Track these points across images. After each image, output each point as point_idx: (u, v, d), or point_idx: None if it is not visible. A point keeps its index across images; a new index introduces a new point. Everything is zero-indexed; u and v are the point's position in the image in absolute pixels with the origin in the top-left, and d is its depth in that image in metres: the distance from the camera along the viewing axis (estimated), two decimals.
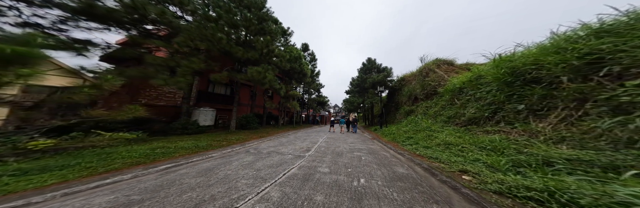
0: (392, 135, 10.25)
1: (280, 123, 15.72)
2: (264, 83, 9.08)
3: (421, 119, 10.00)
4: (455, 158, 4.63)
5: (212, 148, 5.78)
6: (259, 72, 8.74)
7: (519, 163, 3.43)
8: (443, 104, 9.13)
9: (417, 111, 12.07)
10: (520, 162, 3.42)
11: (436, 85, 10.85)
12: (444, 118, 8.17)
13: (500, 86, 5.67)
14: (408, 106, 14.10)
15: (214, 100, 12.95)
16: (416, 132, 8.64)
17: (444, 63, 11.82)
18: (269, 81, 9.30)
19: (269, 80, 9.16)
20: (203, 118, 10.51)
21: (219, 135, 8.74)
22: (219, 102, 13.45)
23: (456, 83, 8.61)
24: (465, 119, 6.70)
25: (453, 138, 6.07)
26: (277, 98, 21.61)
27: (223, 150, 5.55)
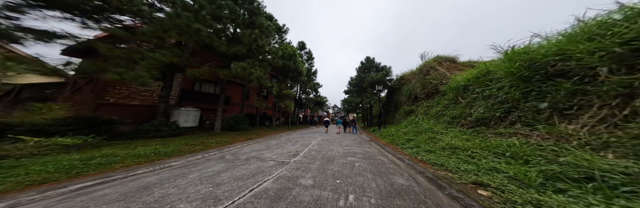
0: (391, 137, 9.48)
1: (273, 123, 14.92)
2: (250, 80, 8.27)
3: (422, 119, 9.22)
4: (465, 165, 3.85)
5: (178, 155, 4.92)
6: (244, 69, 7.96)
7: (554, 175, 2.65)
8: (446, 104, 8.36)
9: (418, 111, 11.31)
10: (555, 175, 2.64)
11: (438, 83, 10.09)
12: (448, 118, 7.40)
13: (514, 81, 4.90)
14: (408, 105, 13.34)
15: (201, 99, 12.11)
16: (417, 134, 7.86)
17: (445, 60, 11.07)
18: (256, 78, 8.50)
19: (256, 77, 8.35)
20: (184, 119, 9.72)
21: (198, 137, 7.89)
22: (207, 101, 12.61)
23: (460, 80, 7.85)
24: (473, 120, 5.93)
25: (460, 141, 5.30)
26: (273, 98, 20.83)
27: (191, 157, 4.70)
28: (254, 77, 8.27)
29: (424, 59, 12.88)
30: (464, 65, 10.14)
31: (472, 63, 9.84)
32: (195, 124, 10.38)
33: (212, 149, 5.80)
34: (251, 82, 8.47)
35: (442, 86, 9.72)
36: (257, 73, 8.40)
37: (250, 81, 8.31)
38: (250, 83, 8.60)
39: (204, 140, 7.16)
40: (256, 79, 8.54)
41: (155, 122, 7.56)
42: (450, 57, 10.94)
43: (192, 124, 10.15)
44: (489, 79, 6.09)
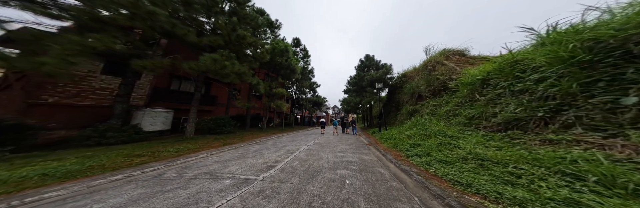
0: (393, 140, 8.11)
1: (265, 125, 13.57)
2: (225, 74, 6.88)
3: (429, 120, 7.85)
4: (510, 190, 2.49)
5: (85, 175, 3.36)
6: (215, 61, 6.39)
7: None
8: (458, 102, 6.99)
9: (422, 110, 9.94)
10: None
11: (446, 79, 8.72)
12: (462, 119, 6.03)
13: (566, 69, 3.54)
14: (411, 105, 11.96)
15: (179, 99, 10.66)
16: (425, 138, 6.49)
17: (454, 54, 9.71)
18: (235, 74, 7.11)
19: (234, 72, 6.98)
20: (150, 122, 8.30)
21: (157, 144, 6.46)
22: (186, 102, 11.17)
23: (476, 73, 6.48)
24: (500, 122, 4.55)
25: (488, 149, 3.93)
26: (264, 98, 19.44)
27: (104, 178, 3.18)
28: (230, 71, 6.88)
29: (428, 54, 11.53)
30: (476, 58, 8.78)
31: (486, 57, 8.48)
32: (166, 127, 8.97)
33: (158, 161, 4.40)
34: (227, 77, 7.08)
35: (451, 82, 8.36)
36: (236, 67, 7.01)
37: (225, 76, 6.92)
38: (225, 79, 7.21)
39: (162, 147, 5.75)
40: (234, 74, 7.16)
41: (101, 126, 6.15)
42: (459, 50, 9.59)
43: (162, 127, 8.75)
44: (521, 70, 4.72)
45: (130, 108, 7.83)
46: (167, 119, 8.93)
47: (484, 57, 8.43)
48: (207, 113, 12.42)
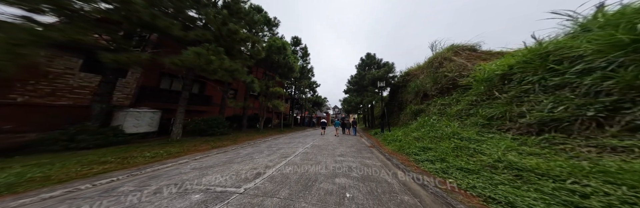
0: (398, 143, 7.38)
1: (261, 126, 12.82)
2: (212, 71, 6.01)
3: (439, 121, 7.09)
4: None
5: (13, 192, 2.59)
6: (199, 55, 5.60)
7: None
8: (472, 100, 6.24)
9: (429, 110, 9.19)
10: None
11: (456, 76, 7.97)
12: (480, 119, 5.27)
13: (628, 57, 2.79)
14: (416, 104, 11.20)
15: (169, 99, 9.80)
16: (436, 140, 5.74)
17: (463, 49, 8.97)
18: (224, 70, 6.32)
19: (222, 67, 6.19)
20: (133, 123, 7.50)
21: (134, 148, 5.71)
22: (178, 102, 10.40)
23: (494, 68, 5.74)
24: (532, 123, 3.80)
25: (524, 157, 3.18)
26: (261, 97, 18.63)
27: (28, 197, 2.32)
28: (218, 67, 6.08)
29: (434, 50, 10.80)
30: (489, 54, 8.03)
31: (501, 52, 7.73)
32: (152, 128, 8.16)
33: (124, 170, 3.63)
34: (214, 74, 6.29)
35: (462, 79, 7.61)
36: (226, 64, 6.24)
37: (212, 72, 6.12)
38: (213, 76, 6.41)
39: (138, 152, 4.97)
40: (224, 71, 6.39)
41: (72, 129, 5.40)
42: (469, 45, 8.85)
43: (147, 129, 7.94)
44: (554, 60, 3.97)
45: (112, 108, 7.08)
46: (154, 120, 8.16)
47: (499, 52, 7.68)
48: (202, 114, 11.68)
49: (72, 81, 6.78)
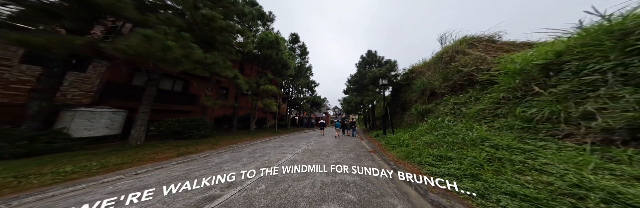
0: (405, 148, 6.17)
1: (252, 127, 11.57)
2: (172, 60, 4.74)
3: (455, 123, 5.85)
4: None
5: None
6: (150, 39, 4.22)
7: None
8: (498, 98, 4.98)
9: (439, 110, 7.95)
10: None
11: (473, 70, 6.72)
12: (516, 121, 4.02)
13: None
14: (422, 104, 9.95)
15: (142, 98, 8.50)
16: (457, 147, 4.49)
17: (479, 41, 7.73)
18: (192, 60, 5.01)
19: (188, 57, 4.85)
20: (85, 125, 6.07)
21: (67, 157, 4.40)
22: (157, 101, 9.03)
23: (530, 58, 4.49)
24: (611, 127, 2.54)
25: (625, 181, 1.92)
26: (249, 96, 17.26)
27: None
28: (181, 56, 4.78)
29: (444, 43, 9.58)
30: (513, 45, 6.77)
31: (528, 42, 6.47)
32: (112, 131, 6.76)
33: None
34: (178, 65, 5.01)
35: (481, 73, 6.36)
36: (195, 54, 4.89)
37: (174, 62, 4.83)
38: (176, 67, 5.11)
39: (61, 165, 3.60)
40: (193, 62, 5.10)
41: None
42: (487, 36, 7.59)
43: (105, 132, 6.56)
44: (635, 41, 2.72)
45: (59, 106, 5.81)
46: (115, 122, 6.83)
47: (526, 42, 6.44)
48: (186, 114, 10.43)
49: (8, 74, 5.55)
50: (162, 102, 9.59)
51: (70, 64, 5.99)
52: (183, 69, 5.26)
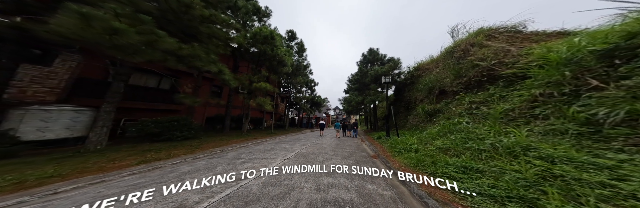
0: (413, 154, 5.24)
1: (245, 128, 10.57)
2: (130, 49, 3.77)
3: (476, 125, 4.86)
4: None
5: None
6: (86, 18, 3.17)
7: None
8: (533, 95, 3.98)
9: (450, 110, 6.97)
10: None
11: (494, 64, 5.73)
12: (565, 123, 3.03)
13: None
14: (429, 104, 8.96)
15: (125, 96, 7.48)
16: (485, 156, 3.51)
17: (498, 32, 6.72)
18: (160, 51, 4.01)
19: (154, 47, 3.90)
20: (39, 125, 5.07)
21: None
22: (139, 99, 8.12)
23: (578, 45, 3.50)
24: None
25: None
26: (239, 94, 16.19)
27: None
28: (137, 41, 3.79)
29: (456, 36, 8.57)
30: (544, 34, 5.76)
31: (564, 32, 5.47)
32: (75, 133, 5.72)
33: None
34: (138, 54, 3.97)
35: (506, 67, 5.37)
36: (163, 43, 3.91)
37: (132, 51, 3.76)
38: (136, 56, 4.04)
39: None
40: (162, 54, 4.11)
41: None
42: (509, 26, 6.58)
43: (64, 134, 5.52)
44: None
45: (9, 105, 4.84)
46: (78, 122, 5.77)
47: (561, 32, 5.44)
48: (173, 114, 9.47)
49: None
50: (145, 100, 8.65)
51: (28, 56, 5.07)
52: (147, 59, 4.29)
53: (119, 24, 3.38)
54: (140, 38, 3.82)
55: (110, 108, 5.28)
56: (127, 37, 3.53)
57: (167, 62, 4.71)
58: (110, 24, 3.33)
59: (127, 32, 3.48)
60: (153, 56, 4.23)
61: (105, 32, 3.38)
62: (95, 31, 3.29)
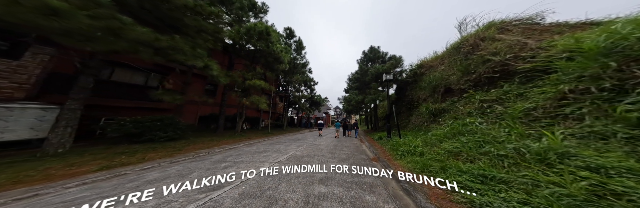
0: (418, 158, 4.72)
1: (239, 127, 9.98)
2: (75, 34, 3.11)
3: (492, 126, 4.29)
4: None
5: None
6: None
7: None
8: (561, 92, 3.40)
9: (457, 110, 6.40)
10: None
11: (510, 59, 5.14)
12: (609, 125, 2.45)
13: None
14: (434, 103, 8.38)
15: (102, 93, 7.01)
16: (508, 163, 2.93)
17: (513, 25, 6.13)
18: (114, 35, 3.37)
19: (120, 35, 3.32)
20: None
21: None
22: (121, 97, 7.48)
23: (619, 31, 2.92)
24: None
25: None
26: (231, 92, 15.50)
27: None
28: (89, 26, 3.17)
29: (464, 31, 7.98)
30: (567, 26, 5.15)
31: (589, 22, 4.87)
32: (42, 134, 5.02)
33: None
34: (93, 42, 3.28)
35: (522, 62, 4.79)
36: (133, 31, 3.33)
37: (85, 38, 3.10)
38: (86, 44, 3.20)
39: None
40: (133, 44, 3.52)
41: None
42: (524, 18, 5.98)
43: (30, 134, 4.91)
44: None
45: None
46: (45, 122, 5.15)
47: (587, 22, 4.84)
48: (162, 112, 8.89)
49: None
50: (131, 98, 8.08)
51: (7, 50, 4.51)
52: (109, 49, 3.70)
53: (56, 3, 2.77)
54: (95, 23, 3.23)
55: (75, 106, 4.70)
56: (72, 20, 2.94)
57: (141, 54, 4.15)
58: (43, 1, 2.72)
59: (72, 14, 2.89)
60: (118, 46, 3.65)
61: (39, 12, 2.78)
62: (25, 9, 2.70)
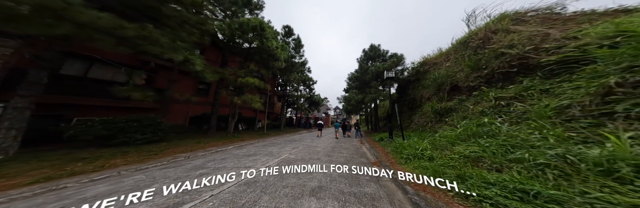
0: (428, 163, 4.15)
1: (231, 128, 9.28)
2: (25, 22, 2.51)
3: (517, 127, 3.66)
4: None
5: None
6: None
7: None
8: (606, 85, 2.78)
9: (467, 109, 5.79)
10: None
11: (530, 51, 4.52)
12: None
13: None
14: (439, 101, 7.76)
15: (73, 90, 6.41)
16: (550, 171, 2.28)
17: (529, 16, 5.52)
18: (53, 18, 2.78)
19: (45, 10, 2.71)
20: None
21: None
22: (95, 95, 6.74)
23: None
24: None
25: None
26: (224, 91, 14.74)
27: None
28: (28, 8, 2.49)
29: (473, 24, 7.37)
30: (594, 14, 4.55)
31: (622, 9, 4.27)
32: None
33: None
34: (11, 23, 2.69)
35: (546, 54, 4.17)
36: (83, 14, 2.75)
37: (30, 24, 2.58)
38: (8, 25, 2.76)
39: None
40: (84, 29, 2.93)
41: None
42: (543, 7, 5.36)
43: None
44: None
45: None
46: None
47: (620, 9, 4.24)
48: (148, 112, 8.19)
49: None
50: (108, 97, 7.35)
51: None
52: (48, 33, 3.01)
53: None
54: None
55: (23, 104, 4.01)
56: None
57: (97, 43, 3.50)
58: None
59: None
60: (60, 30, 2.98)
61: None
62: None
